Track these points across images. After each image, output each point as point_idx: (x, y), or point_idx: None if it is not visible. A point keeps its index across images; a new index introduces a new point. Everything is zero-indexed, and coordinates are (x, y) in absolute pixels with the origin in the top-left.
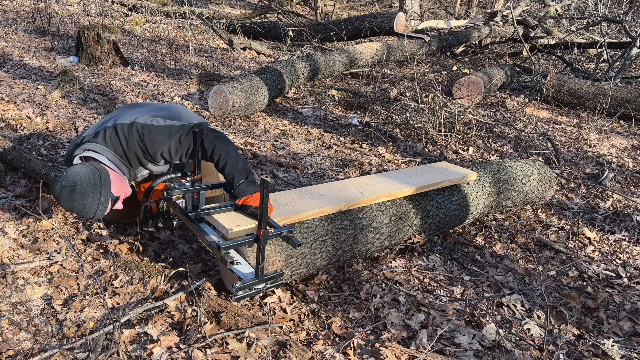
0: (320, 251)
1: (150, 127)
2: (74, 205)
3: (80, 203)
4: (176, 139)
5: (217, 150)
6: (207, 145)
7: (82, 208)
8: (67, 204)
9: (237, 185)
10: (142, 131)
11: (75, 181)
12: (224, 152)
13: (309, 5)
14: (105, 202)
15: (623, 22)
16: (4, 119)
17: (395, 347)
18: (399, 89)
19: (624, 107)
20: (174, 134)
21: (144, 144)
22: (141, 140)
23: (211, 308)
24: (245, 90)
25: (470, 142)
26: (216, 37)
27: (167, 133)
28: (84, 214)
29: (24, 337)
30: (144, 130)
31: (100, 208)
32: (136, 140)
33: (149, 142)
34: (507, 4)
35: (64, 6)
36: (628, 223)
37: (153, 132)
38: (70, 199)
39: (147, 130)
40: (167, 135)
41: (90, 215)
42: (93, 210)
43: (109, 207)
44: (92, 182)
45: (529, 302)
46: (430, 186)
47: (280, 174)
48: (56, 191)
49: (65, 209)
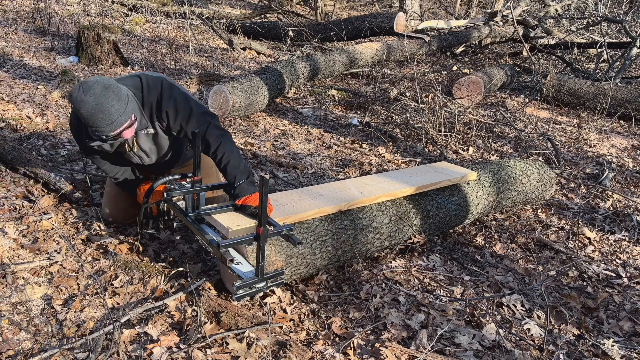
0: (320, 251)
1: (177, 88)
2: (103, 101)
3: (110, 102)
4: (189, 111)
5: (222, 148)
6: (212, 141)
7: (110, 107)
8: (94, 99)
9: (238, 185)
10: (166, 86)
11: (110, 83)
12: (228, 150)
13: (309, 5)
14: (127, 114)
15: (623, 22)
16: (4, 119)
17: (395, 347)
18: (399, 89)
19: (624, 107)
20: (192, 106)
21: (160, 95)
22: (161, 92)
23: (211, 308)
24: (245, 90)
25: (470, 142)
26: (216, 37)
27: (186, 101)
28: (109, 115)
29: (24, 337)
30: (169, 87)
31: (122, 117)
32: (157, 91)
33: (166, 97)
34: (507, 4)
35: (64, 6)
36: (628, 223)
37: (176, 92)
38: (102, 95)
39: (171, 88)
40: (184, 102)
41: (114, 118)
42: (117, 114)
43: (127, 124)
44: (123, 91)
45: (529, 302)
46: (430, 186)
47: (280, 174)
48: (88, 85)
49: (90, 107)
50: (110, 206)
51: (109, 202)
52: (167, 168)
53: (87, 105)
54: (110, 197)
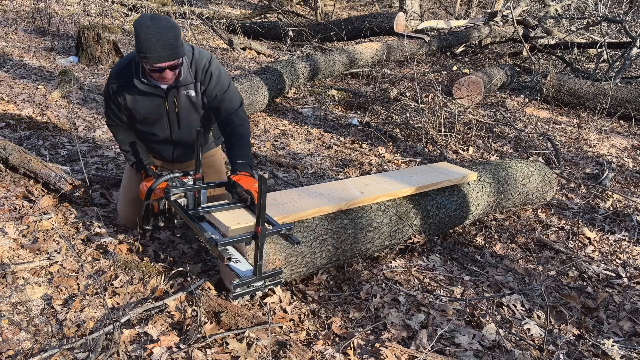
0: (320, 250)
1: (223, 68)
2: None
3: (169, 35)
4: (227, 84)
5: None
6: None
7: (167, 40)
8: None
9: (240, 162)
10: (215, 59)
11: (176, 25)
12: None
13: (309, 5)
14: (177, 54)
15: (623, 22)
16: (4, 119)
17: (395, 347)
18: (399, 89)
19: (624, 107)
20: (231, 83)
21: (209, 62)
22: (210, 60)
23: (211, 308)
24: (245, 90)
25: (470, 142)
26: (216, 37)
27: (228, 77)
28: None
29: (24, 337)
30: (217, 61)
31: (173, 53)
32: (207, 58)
33: (214, 65)
34: (507, 4)
35: (64, 6)
36: (628, 223)
37: (222, 67)
38: (165, 27)
39: (219, 63)
40: (227, 77)
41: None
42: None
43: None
44: (182, 40)
45: (529, 302)
46: (430, 186)
47: (280, 174)
48: (156, 16)
49: (150, 32)
50: (125, 211)
51: (124, 207)
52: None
53: (149, 30)
54: (126, 202)
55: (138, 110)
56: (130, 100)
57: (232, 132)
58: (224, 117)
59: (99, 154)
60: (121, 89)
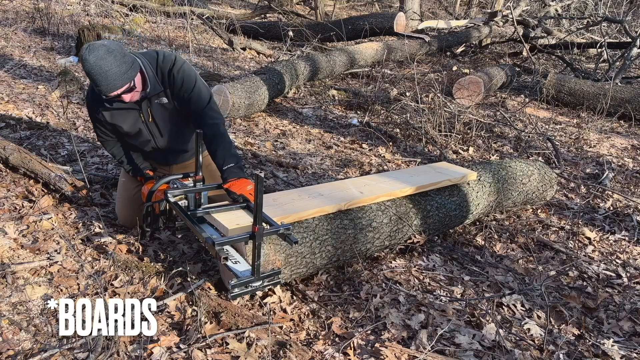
0: (320, 250)
1: (187, 63)
2: (102, 63)
3: (109, 64)
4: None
5: (218, 130)
6: (208, 120)
7: (108, 69)
8: (95, 60)
9: (227, 168)
10: (179, 58)
11: (115, 48)
12: (219, 134)
13: (309, 5)
14: (125, 79)
15: (623, 22)
16: (4, 119)
17: (395, 347)
18: (399, 89)
19: (624, 107)
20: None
21: (173, 64)
22: (174, 62)
23: (211, 308)
24: (245, 90)
25: (470, 142)
26: (216, 37)
27: (194, 74)
28: (105, 76)
29: (24, 337)
30: (182, 60)
31: (119, 81)
32: (170, 61)
33: (178, 66)
34: (507, 4)
35: (64, 6)
36: (628, 223)
37: (186, 65)
38: (103, 57)
39: (183, 62)
40: (192, 74)
41: (110, 80)
42: (114, 77)
43: (125, 89)
44: (128, 57)
45: (529, 302)
46: (430, 186)
47: (280, 174)
48: (94, 46)
49: (90, 66)
50: (123, 210)
51: (122, 207)
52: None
53: (88, 63)
54: (124, 202)
55: (119, 124)
56: (109, 116)
57: (208, 131)
58: (194, 115)
59: (99, 154)
60: (98, 107)
